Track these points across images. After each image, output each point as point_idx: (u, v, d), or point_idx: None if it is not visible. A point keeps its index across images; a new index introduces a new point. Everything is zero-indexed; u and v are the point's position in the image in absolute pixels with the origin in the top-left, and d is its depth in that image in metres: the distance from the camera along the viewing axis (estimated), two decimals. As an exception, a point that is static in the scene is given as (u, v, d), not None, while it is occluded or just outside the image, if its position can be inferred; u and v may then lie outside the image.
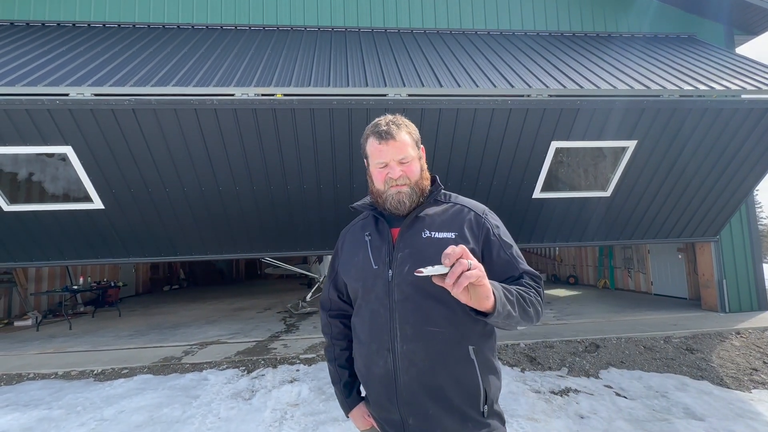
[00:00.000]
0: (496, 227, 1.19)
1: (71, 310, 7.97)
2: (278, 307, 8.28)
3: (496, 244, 1.15)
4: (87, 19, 5.82)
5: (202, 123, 4.07)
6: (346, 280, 1.29)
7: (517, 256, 1.16)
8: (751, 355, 4.56)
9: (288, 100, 3.98)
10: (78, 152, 4.16)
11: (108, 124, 3.97)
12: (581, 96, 4.32)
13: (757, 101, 4.48)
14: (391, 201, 1.17)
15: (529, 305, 1.03)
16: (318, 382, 3.84)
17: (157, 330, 6.32)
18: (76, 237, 4.90)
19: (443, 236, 1.13)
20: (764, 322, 5.71)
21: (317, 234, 5.34)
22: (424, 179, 1.22)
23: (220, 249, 5.40)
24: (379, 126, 1.18)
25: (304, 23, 6.22)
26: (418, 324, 1.09)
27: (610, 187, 5.16)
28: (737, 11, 6.67)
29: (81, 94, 3.74)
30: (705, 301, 6.73)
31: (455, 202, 1.24)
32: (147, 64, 4.50)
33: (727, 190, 5.37)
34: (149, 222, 4.84)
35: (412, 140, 1.21)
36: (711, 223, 5.83)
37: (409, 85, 4.23)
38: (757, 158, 5.05)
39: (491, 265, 1.12)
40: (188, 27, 5.98)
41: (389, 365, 1.11)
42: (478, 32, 6.46)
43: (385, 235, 1.20)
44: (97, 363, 4.55)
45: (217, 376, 4.09)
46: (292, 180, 4.65)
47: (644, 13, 6.84)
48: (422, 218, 1.18)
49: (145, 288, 11.98)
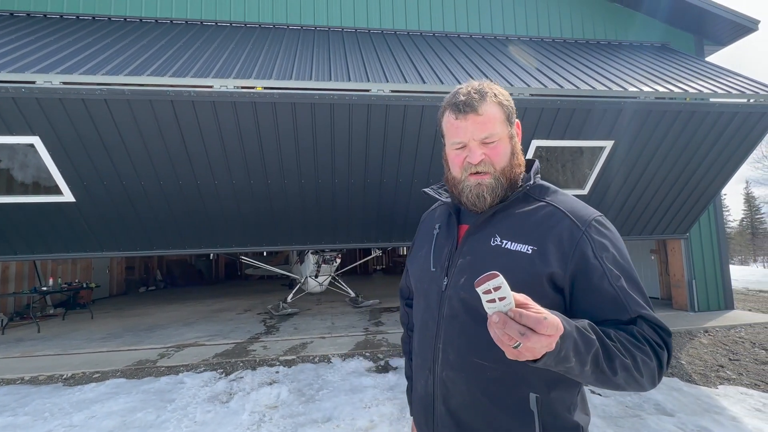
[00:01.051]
0: (601, 246, 0.84)
1: (40, 312, 7.65)
2: (258, 309, 8.16)
3: (596, 270, 0.82)
4: (59, 11, 5.61)
5: (179, 115, 3.94)
6: (410, 274, 1.13)
7: (632, 291, 0.81)
8: (718, 352, 4.75)
9: (269, 93, 3.89)
10: (46, 143, 3.96)
11: (78, 114, 3.80)
12: (561, 96, 4.40)
13: (727, 105, 4.67)
14: (468, 194, 0.91)
15: (627, 362, 0.73)
16: (298, 384, 3.81)
17: (132, 332, 6.14)
18: (45, 230, 4.69)
19: (516, 248, 0.86)
20: (730, 321, 5.98)
21: (298, 229, 5.29)
22: (515, 166, 0.93)
23: (198, 243, 5.27)
24: (457, 95, 0.93)
25: (287, 21, 6.16)
26: (462, 350, 0.88)
27: (588, 186, 5.31)
28: (707, 23, 6.96)
29: (49, 83, 3.57)
30: (676, 301, 6.98)
31: (549, 202, 0.92)
32: (121, 54, 4.35)
33: (697, 189, 5.59)
34: (124, 215, 4.68)
35: (502, 113, 0.91)
36: (681, 221, 6.05)
37: (393, 81, 4.21)
38: (726, 159, 5.26)
39: (584, 301, 0.83)
40: (166, 21, 5.84)
41: (429, 388, 0.94)
42: (461, 35, 6.53)
43: (452, 233, 0.98)
44: (67, 367, 4.38)
45: (193, 379, 3.99)
46: (272, 175, 4.58)
47: (621, 22, 7.06)
48: (497, 219, 0.92)
49: (120, 289, 11.62)
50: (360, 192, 4.85)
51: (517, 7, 6.77)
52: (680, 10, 6.81)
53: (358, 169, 4.63)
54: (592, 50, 6.34)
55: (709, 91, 4.75)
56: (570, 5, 6.92)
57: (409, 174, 4.74)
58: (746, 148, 5.14)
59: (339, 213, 5.07)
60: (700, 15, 6.81)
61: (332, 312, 7.51)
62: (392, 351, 4.74)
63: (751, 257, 30.36)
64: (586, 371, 0.70)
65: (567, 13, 6.91)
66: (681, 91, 4.69)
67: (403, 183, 4.83)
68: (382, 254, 17.38)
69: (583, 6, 6.96)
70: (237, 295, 10.68)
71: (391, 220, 5.28)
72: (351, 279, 12.31)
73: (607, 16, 7.03)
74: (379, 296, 9.15)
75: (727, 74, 5.50)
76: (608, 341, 0.73)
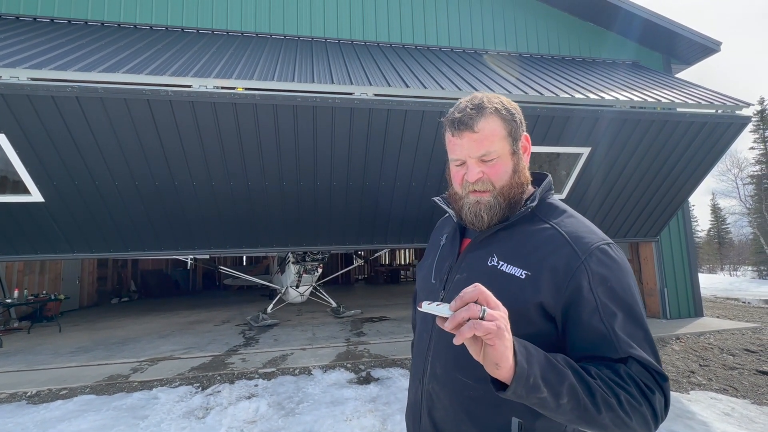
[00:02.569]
0: (600, 279, 0.78)
1: (3, 326, 7.26)
2: (237, 320, 7.97)
3: (588, 304, 0.77)
4: (32, 13, 5.45)
5: (155, 115, 3.82)
6: (416, 281, 1.12)
7: (627, 329, 0.76)
8: (689, 358, 4.91)
9: (249, 94, 3.81)
10: (12, 141, 3.78)
11: (48, 112, 3.63)
12: (541, 103, 4.49)
13: (696, 114, 4.91)
14: (467, 212, 0.89)
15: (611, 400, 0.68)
16: (277, 397, 3.72)
17: (103, 346, 5.89)
18: (11, 231, 4.47)
19: (510, 271, 0.83)
20: (700, 328, 6.20)
21: (279, 231, 5.23)
22: (515, 185, 0.88)
23: (175, 245, 5.12)
24: (455, 111, 0.88)
25: (270, 30, 6.16)
26: (448, 366, 0.88)
27: (566, 190, 5.45)
28: (675, 43, 7.36)
29: (15, 78, 3.41)
30: (649, 308, 7.21)
31: (554, 225, 0.87)
32: (95, 53, 4.24)
33: (669, 194, 5.84)
34: (96, 216, 4.51)
35: (503, 128, 0.86)
36: (653, 225, 6.29)
37: (376, 85, 4.23)
38: (696, 166, 5.52)
39: (573, 335, 0.78)
40: (146, 27, 5.75)
41: (418, 397, 0.95)
42: (443, 48, 6.67)
43: (455, 247, 0.97)
44: (32, 384, 4.16)
45: (168, 394, 3.85)
46: (253, 176, 4.51)
47: (595, 40, 7.37)
48: (499, 237, 0.89)
49: (91, 301, 11.15)
50: (342, 194, 4.85)
51: (496, 22, 6.98)
52: (651, 30, 7.18)
53: (340, 172, 4.62)
54: (568, 65, 6.58)
55: (681, 101, 4.98)
56: (547, 23, 7.19)
57: (391, 177, 4.77)
58: (714, 155, 5.42)
59: (320, 215, 5.05)
60: (669, 36, 7.19)
61: (313, 323, 7.40)
62: (374, 362, 4.70)
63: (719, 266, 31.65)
64: (563, 405, 0.67)
65: (544, 30, 7.17)
66: (654, 100, 4.90)
67: (385, 186, 4.84)
68: (364, 264, 17.30)
69: (559, 24, 7.24)
70: (215, 306, 10.41)
71: (374, 222, 5.29)
72: (333, 289, 12.19)
73: (582, 34, 7.33)
74: (361, 306, 9.09)
75: (696, 87, 5.82)
76: (587, 376, 0.70)
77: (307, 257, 7.27)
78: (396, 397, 3.67)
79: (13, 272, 8.38)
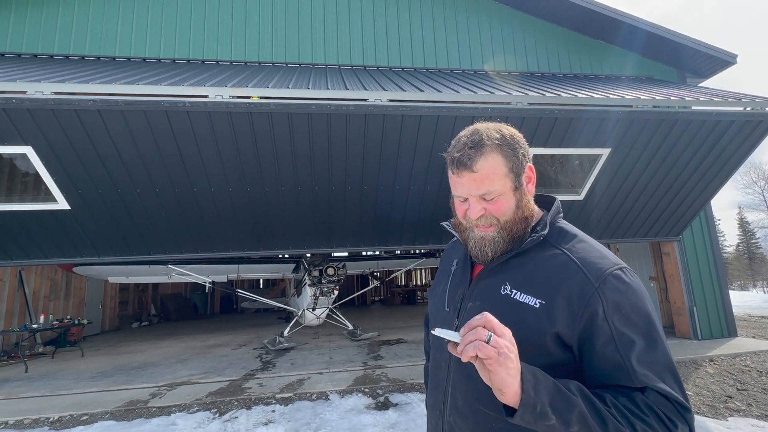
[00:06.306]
0: (615, 306, 0.76)
1: (28, 351, 7.43)
2: (254, 343, 7.96)
3: (603, 334, 0.75)
4: (65, 52, 5.81)
5: (173, 126, 3.91)
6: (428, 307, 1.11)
7: (643, 361, 0.73)
8: (725, 382, 4.64)
9: (265, 103, 3.86)
10: (39, 153, 3.94)
11: (71, 125, 3.78)
12: (560, 105, 4.38)
13: (722, 113, 4.71)
14: (472, 246, 0.90)
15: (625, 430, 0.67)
16: (294, 423, 3.66)
17: (123, 371, 5.94)
18: (40, 237, 4.68)
19: (525, 300, 0.82)
20: (735, 349, 5.87)
21: (295, 236, 5.31)
22: (518, 221, 0.87)
23: (195, 248, 5.24)
24: (454, 148, 0.88)
25: (286, 60, 6.39)
26: (468, 396, 0.86)
27: (584, 192, 5.33)
28: (684, 56, 7.30)
29: (40, 92, 3.57)
30: (678, 329, 6.88)
31: (565, 250, 0.85)
32: (117, 74, 4.45)
33: (691, 195, 5.66)
34: (119, 222, 4.66)
35: (505, 165, 0.85)
36: (675, 225, 6.08)
37: (390, 91, 4.23)
38: (721, 166, 5.34)
39: (590, 365, 0.77)
40: (168, 60, 6.05)
41: (438, 429, 0.94)
42: (454, 71, 6.78)
43: (466, 274, 0.96)
44: (54, 409, 4.21)
45: (186, 420, 3.84)
46: (270, 183, 4.58)
47: (604, 57, 7.38)
48: (511, 265, 0.88)
49: (113, 325, 11.34)
50: (356, 198, 4.91)
51: (506, 44, 7.08)
52: (655, 44, 7.15)
53: (355, 177, 4.67)
54: (580, 81, 6.58)
55: (707, 98, 4.81)
56: (557, 42, 7.25)
57: (406, 181, 4.80)
58: (740, 155, 5.24)
59: (335, 218, 5.12)
60: (676, 49, 7.14)
61: (330, 346, 7.33)
62: (392, 386, 4.60)
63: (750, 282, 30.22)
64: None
65: (554, 49, 7.22)
66: (678, 99, 4.78)
67: (399, 190, 4.87)
68: (380, 285, 17.18)
69: (568, 42, 7.29)
70: (232, 330, 10.44)
71: (388, 224, 5.32)
72: (349, 311, 12.11)
73: (592, 51, 7.35)
74: (378, 328, 8.98)
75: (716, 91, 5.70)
76: (600, 405, 0.69)
77: (323, 279, 7.27)
78: (415, 424, 3.57)
79: (40, 298, 8.62)
